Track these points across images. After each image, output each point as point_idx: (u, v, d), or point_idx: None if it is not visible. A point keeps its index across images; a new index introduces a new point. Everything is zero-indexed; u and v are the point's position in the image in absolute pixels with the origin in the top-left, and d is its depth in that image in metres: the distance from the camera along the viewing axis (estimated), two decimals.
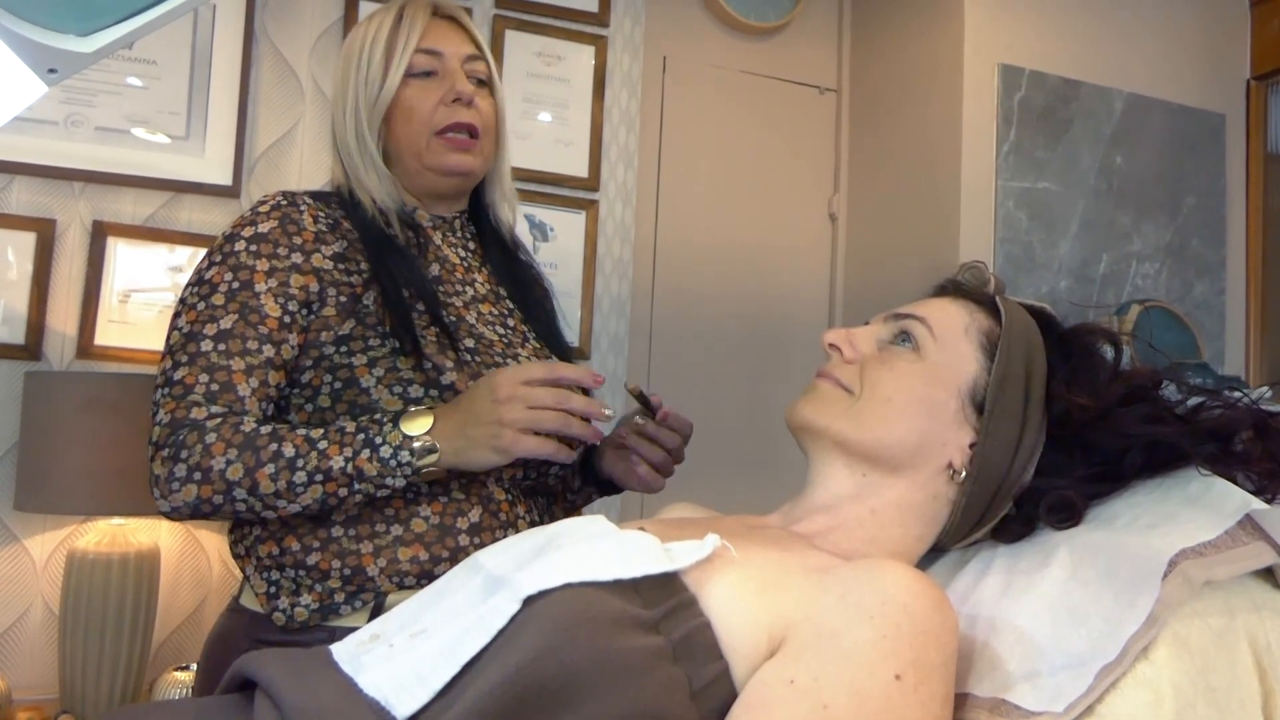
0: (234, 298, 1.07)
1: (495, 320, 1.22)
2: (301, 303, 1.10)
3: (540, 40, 2.45)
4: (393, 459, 1.01)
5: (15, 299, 2.01)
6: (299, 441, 1.02)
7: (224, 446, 1.00)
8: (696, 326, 2.66)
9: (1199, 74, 2.67)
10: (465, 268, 1.25)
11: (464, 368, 1.11)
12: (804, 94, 2.85)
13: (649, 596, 0.71)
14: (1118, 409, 0.88)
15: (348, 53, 1.22)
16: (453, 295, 1.19)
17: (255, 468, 1.00)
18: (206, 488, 1.00)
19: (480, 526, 1.10)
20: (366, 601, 1.05)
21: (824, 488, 0.91)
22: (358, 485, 1.01)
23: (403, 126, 1.20)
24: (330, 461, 1.00)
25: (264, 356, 1.06)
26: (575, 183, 2.46)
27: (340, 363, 1.09)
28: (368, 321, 1.10)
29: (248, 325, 1.06)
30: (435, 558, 1.07)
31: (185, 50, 2.14)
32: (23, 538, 1.98)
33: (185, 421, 1.02)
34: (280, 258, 1.10)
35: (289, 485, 1.00)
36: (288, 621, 1.05)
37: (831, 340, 0.95)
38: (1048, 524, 0.87)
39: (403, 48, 1.19)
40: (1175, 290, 2.59)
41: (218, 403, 1.03)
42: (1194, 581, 0.72)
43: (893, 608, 0.69)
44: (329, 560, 1.06)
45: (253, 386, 1.05)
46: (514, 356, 1.18)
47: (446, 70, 1.21)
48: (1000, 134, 2.42)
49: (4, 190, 2.01)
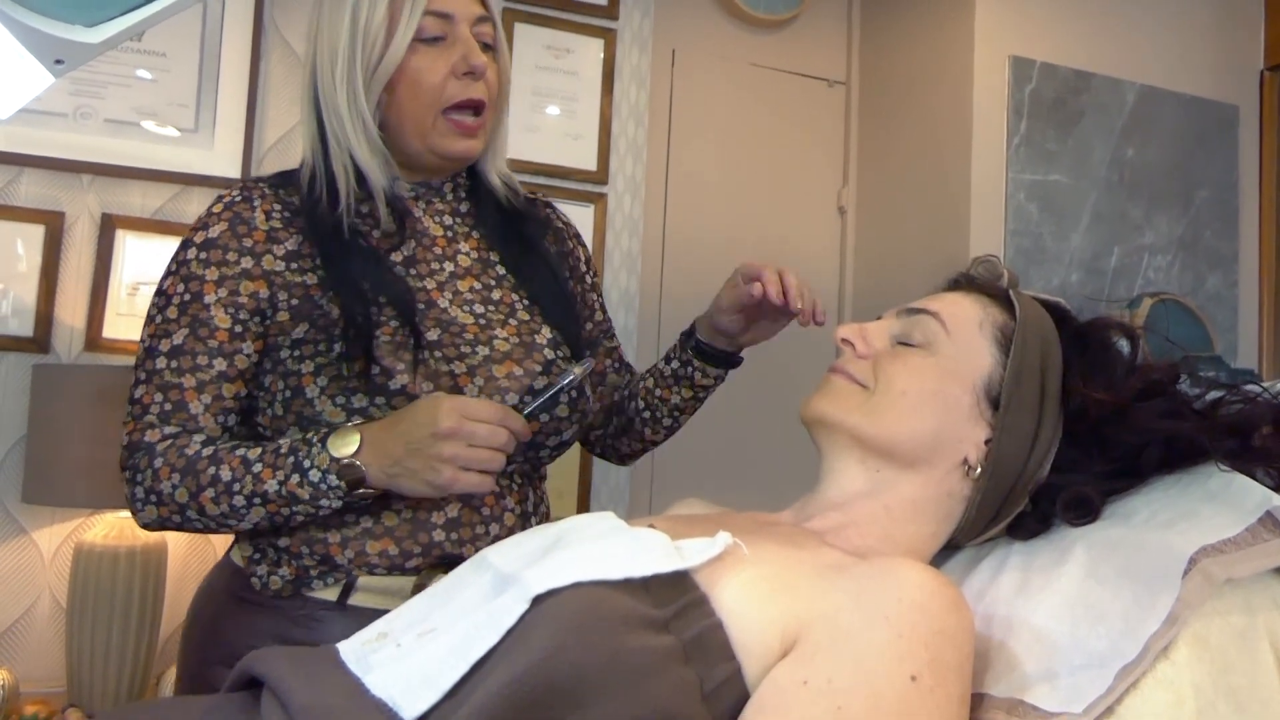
0: (185, 311, 1.05)
1: (475, 297, 1.13)
2: (252, 311, 1.06)
3: (550, 33, 2.44)
4: (322, 482, 0.97)
5: (24, 291, 2.01)
6: (235, 464, 0.99)
7: (169, 470, 1.00)
8: None
9: (1212, 65, 2.64)
10: (449, 238, 1.16)
11: (420, 367, 1.04)
12: (813, 87, 2.83)
13: (659, 595, 0.70)
14: (1135, 404, 0.87)
15: (338, 1, 1.09)
16: (426, 276, 1.12)
17: (198, 491, 0.99)
18: (164, 509, 1.01)
19: (459, 522, 1.06)
20: (339, 579, 1.04)
21: (837, 484, 0.90)
22: (295, 508, 0.99)
23: (409, 99, 1.09)
24: (265, 485, 0.98)
25: (215, 371, 1.04)
26: (584, 176, 2.45)
27: (291, 369, 1.06)
28: (320, 324, 1.05)
29: (197, 340, 1.04)
30: (406, 553, 1.04)
31: (194, 42, 2.14)
32: (30, 530, 1.98)
33: (140, 444, 1.02)
34: (230, 264, 1.06)
35: (231, 508, 0.99)
36: (263, 588, 1.05)
37: (844, 335, 0.94)
38: (1065, 521, 0.86)
39: (410, 6, 1.07)
40: (1187, 283, 2.58)
41: (170, 422, 1.03)
42: (1215, 579, 0.71)
43: (908, 607, 0.68)
44: (298, 545, 1.04)
45: (205, 403, 1.04)
46: (488, 341, 1.09)
47: (457, 36, 1.10)
48: (1011, 126, 2.40)
49: (12, 183, 2.01)
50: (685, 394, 1.27)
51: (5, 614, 1.97)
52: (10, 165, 2.00)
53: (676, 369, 1.26)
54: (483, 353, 1.09)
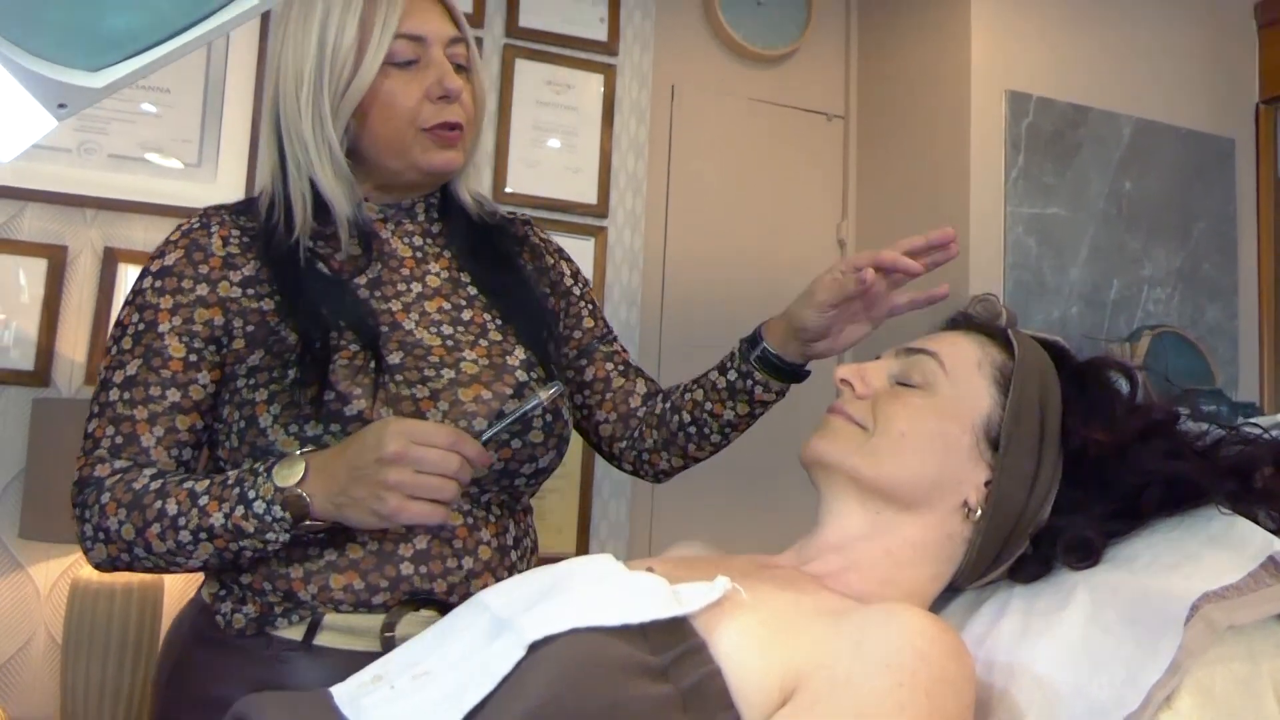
0: (139, 341, 1.02)
1: (444, 318, 1.08)
2: (206, 339, 1.03)
3: (550, 69, 2.46)
4: (266, 514, 0.92)
5: (26, 325, 2.01)
6: (182, 497, 0.95)
7: (115, 506, 0.96)
8: (707, 353, 2.63)
9: (1207, 98, 2.66)
10: (418, 259, 1.12)
11: (379, 391, 1.00)
12: (812, 121, 2.85)
13: (657, 642, 0.70)
14: (1135, 444, 0.87)
15: (304, 15, 1.04)
16: (391, 299, 1.07)
17: (144, 527, 0.95)
18: (112, 547, 0.97)
19: (428, 555, 1.00)
20: (304, 617, 0.99)
21: (837, 526, 0.89)
22: (242, 542, 0.94)
23: (382, 123, 1.05)
24: (210, 519, 0.93)
25: (169, 402, 1.01)
26: (584, 209, 2.46)
27: (246, 398, 1.02)
28: (275, 350, 1.01)
29: (150, 370, 1.01)
30: (372, 587, 0.99)
31: (199, 77, 2.16)
32: (27, 565, 1.97)
33: (89, 480, 0.99)
34: (184, 291, 1.03)
35: (178, 544, 0.95)
36: (226, 626, 1.01)
37: (843, 375, 0.94)
38: (1066, 564, 0.85)
39: (380, 29, 1.03)
40: (1187, 315, 2.58)
41: (121, 456, 0.99)
42: (1217, 626, 0.70)
43: (909, 655, 0.67)
44: (260, 580, 1.00)
45: (157, 436, 1.00)
46: (454, 364, 1.04)
47: (430, 59, 1.06)
48: (1009, 160, 2.41)
49: (16, 217, 2.02)
50: (741, 409, 1.16)
51: (1, 650, 1.96)
52: (14, 200, 2.01)
53: (733, 381, 1.16)
54: (448, 375, 1.04)
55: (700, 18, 2.71)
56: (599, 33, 2.49)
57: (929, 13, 2.58)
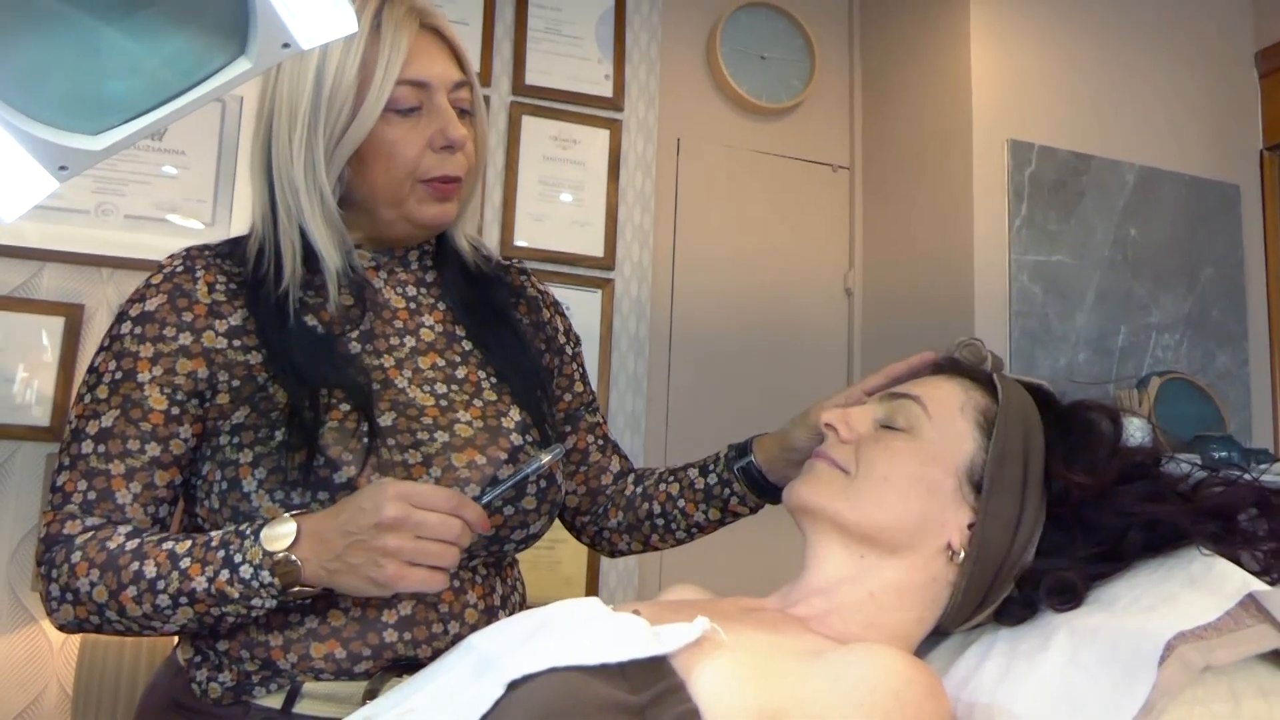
0: (116, 390, 0.96)
1: (438, 375, 1.04)
2: (189, 392, 0.97)
3: (556, 125, 2.51)
4: (254, 579, 0.87)
5: (43, 382, 2.05)
6: (162, 559, 0.89)
7: (87, 566, 0.90)
8: (715, 404, 2.66)
9: (1211, 145, 2.68)
10: (411, 310, 1.08)
11: (371, 456, 0.95)
12: (818, 172, 2.89)
13: (636, 681, 0.70)
14: (1117, 487, 0.88)
15: (301, 57, 0.97)
16: (384, 353, 1.03)
17: (118, 590, 0.89)
18: (81, 609, 0.91)
19: (412, 620, 0.96)
20: (282, 686, 0.94)
21: (821, 570, 0.90)
22: (225, 608, 0.89)
23: (381, 172, 1.00)
24: (192, 583, 0.88)
25: (148, 456, 0.95)
26: (591, 262, 2.49)
27: (229, 458, 0.96)
28: (262, 408, 0.96)
29: (129, 422, 0.95)
30: (354, 655, 0.94)
31: (213, 140, 2.22)
32: (39, 619, 1.99)
33: (58, 537, 0.93)
34: (167, 340, 0.97)
35: (155, 608, 0.89)
36: (202, 695, 0.96)
37: (828, 420, 0.95)
38: (1049, 606, 0.85)
39: (383, 73, 0.97)
40: (1197, 361, 2.57)
41: (94, 513, 0.93)
42: (1192, 667, 0.70)
43: (883, 695, 0.68)
44: (238, 648, 0.95)
45: (134, 492, 0.94)
46: (449, 426, 1.00)
47: (433, 107, 1.01)
48: (1012, 208, 2.43)
49: (35, 277, 2.07)
50: (713, 514, 1.15)
51: (13, 703, 1.97)
52: (33, 260, 2.07)
53: (712, 485, 1.14)
54: (442, 439, 0.99)
55: (705, 73, 2.77)
56: (604, 89, 2.55)
57: (931, 63, 2.62)
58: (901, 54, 2.76)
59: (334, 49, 0.97)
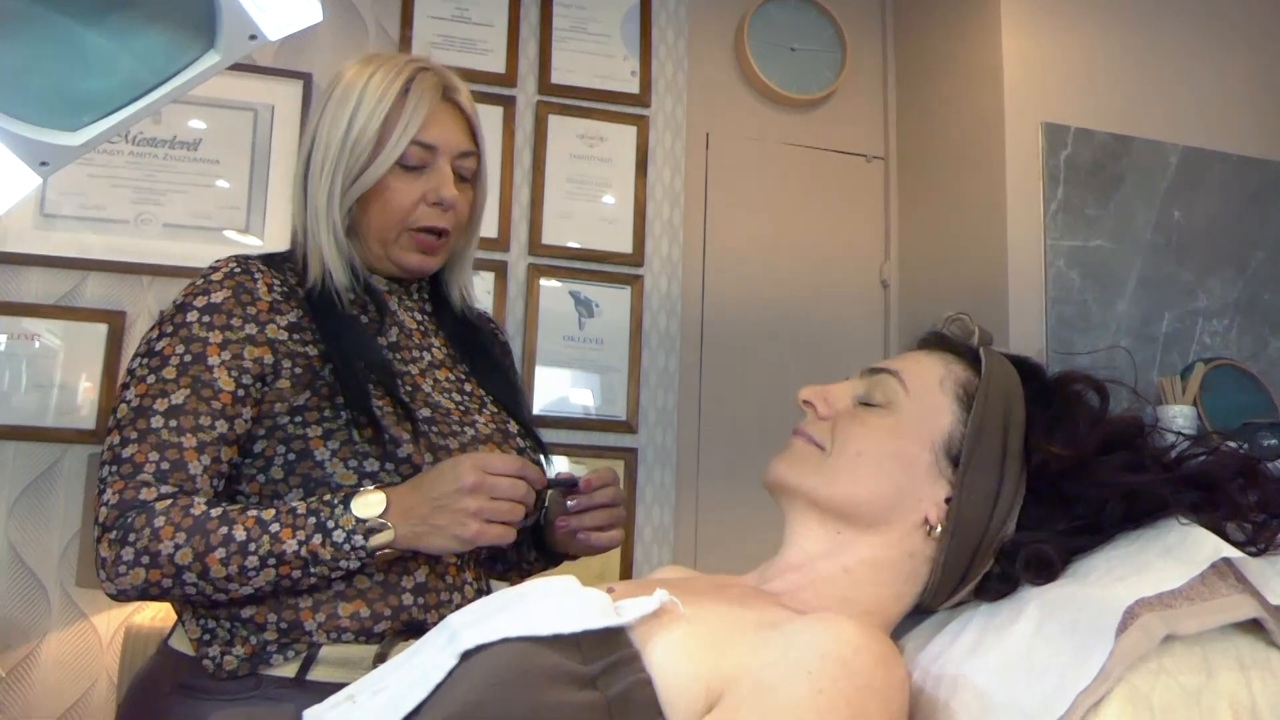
0: (186, 371, 1.04)
1: (452, 386, 1.20)
2: (255, 376, 1.07)
3: (583, 123, 2.53)
4: (346, 543, 0.99)
5: (89, 386, 2.13)
6: (250, 524, 0.99)
7: (172, 530, 0.98)
8: (749, 400, 2.65)
9: (1259, 124, 2.59)
10: (422, 332, 1.23)
11: (420, 439, 1.09)
12: (851, 162, 2.86)
13: (590, 652, 0.71)
14: (1096, 458, 0.85)
15: (343, 99, 1.14)
16: (409, 362, 1.17)
17: (206, 552, 0.97)
18: (155, 572, 0.98)
19: (425, 587, 1.09)
20: (299, 652, 1.03)
21: (798, 546, 0.89)
22: (313, 569, 1.00)
23: (378, 214, 1.15)
24: (284, 545, 0.98)
25: (217, 432, 1.04)
26: (620, 259, 2.50)
27: (295, 434, 1.07)
28: (323, 393, 1.08)
29: (200, 400, 1.03)
30: (376, 615, 1.06)
31: (246, 150, 2.28)
32: (90, 615, 2.06)
33: (134, 503, 0.99)
34: (234, 329, 1.07)
35: (240, 570, 0.98)
36: (216, 670, 1.03)
37: (806, 397, 0.95)
38: (1026, 580, 0.83)
39: (400, 131, 1.13)
40: (1247, 348, 2.49)
41: (168, 482, 1.01)
42: (1154, 634, 0.68)
43: (831, 662, 0.67)
44: (264, 614, 1.04)
45: (204, 464, 1.03)
46: (471, 424, 1.16)
47: (435, 168, 1.16)
48: (1048, 193, 2.38)
49: (79, 285, 2.16)
50: None
51: (66, 695, 2.05)
52: (77, 270, 2.15)
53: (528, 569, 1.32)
54: (469, 433, 1.15)
55: (733, 66, 2.77)
56: (631, 85, 2.56)
57: (963, 46, 2.58)
58: (934, 38, 2.73)
59: (366, 104, 1.13)
